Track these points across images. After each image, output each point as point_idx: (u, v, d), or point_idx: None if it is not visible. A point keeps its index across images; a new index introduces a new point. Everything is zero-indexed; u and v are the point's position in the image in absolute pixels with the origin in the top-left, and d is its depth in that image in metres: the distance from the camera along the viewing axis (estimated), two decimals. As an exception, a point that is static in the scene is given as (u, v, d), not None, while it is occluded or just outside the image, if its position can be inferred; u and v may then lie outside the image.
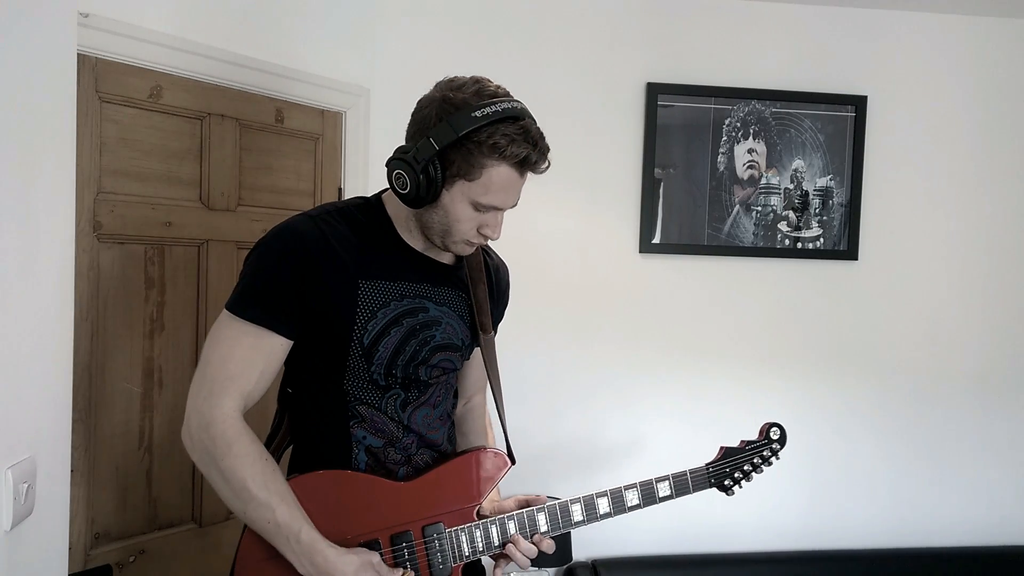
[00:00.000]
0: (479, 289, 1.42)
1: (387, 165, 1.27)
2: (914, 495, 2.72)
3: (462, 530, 1.35)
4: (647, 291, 2.60)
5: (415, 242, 1.35)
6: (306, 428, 1.38)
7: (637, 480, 1.44)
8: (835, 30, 2.63)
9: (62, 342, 1.34)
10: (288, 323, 1.26)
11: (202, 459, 1.24)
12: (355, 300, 1.28)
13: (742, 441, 1.52)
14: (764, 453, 1.51)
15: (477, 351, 1.50)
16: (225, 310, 1.28)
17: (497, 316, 1.53)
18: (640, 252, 2.58)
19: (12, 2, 1.09)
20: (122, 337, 1.76)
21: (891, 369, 2.69)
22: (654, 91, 2.54)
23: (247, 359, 1.25)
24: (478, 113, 1.19)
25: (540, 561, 2.48)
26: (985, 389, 2.73)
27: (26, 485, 1.15)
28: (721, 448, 1.51)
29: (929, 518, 2.72)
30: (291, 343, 1.29)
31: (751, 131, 2.60)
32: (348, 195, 2.29)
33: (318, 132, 2.22)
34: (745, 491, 2.59)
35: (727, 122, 2.59)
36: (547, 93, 2.52)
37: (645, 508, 1.44)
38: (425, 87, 2.64)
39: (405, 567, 1.31)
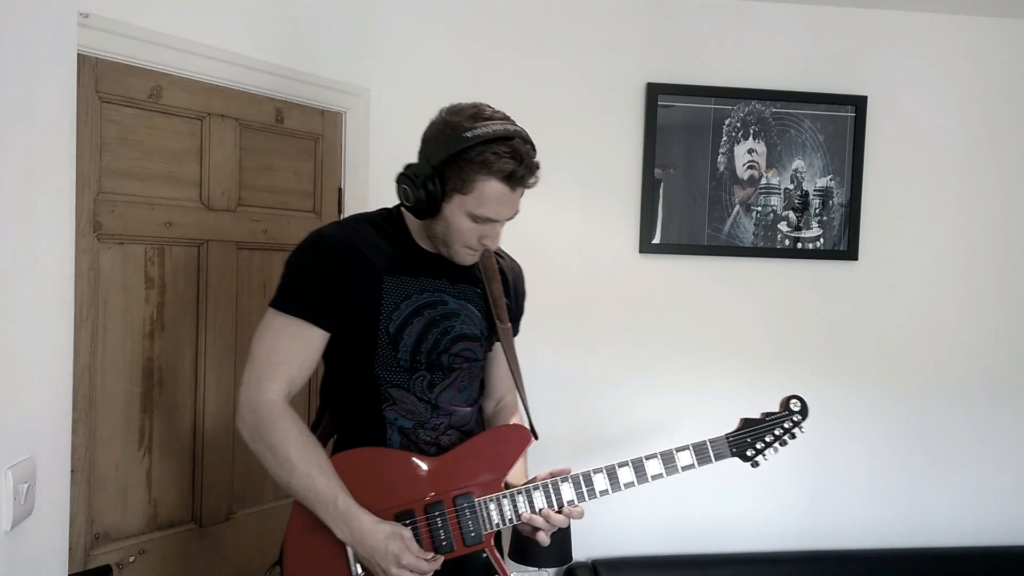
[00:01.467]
0: (494, 285, 1.56)
1: (396, 181, 1.43)
2: (914, 495, 2.72)
3: (491, 499, 1.45)
4: (647, 291, 2.60)
5: (429, 248, 1.51)
6: (346, 416, 1.52)
7: (658, 451, 1.51)
8: (835, 30, 2.63)
9: (62, 342, 1.34)
10: (324, 316, 1.42)
11: (253, 438, 1.39)
12: (380, 293, 1.44)
13: (763, 413, 1.57)
14: (785, 424, 1.56)
15: (498, 352, 1.63)
16: (269, 307, 1.43)
17: (516, 311, 1.66)
18: (640, 252, 2.58)
19: (12, 2, 1.09)
20: (122, 337, 1.76)
21: (891, 369, 2.69)
22: (654, 91, 2.54)
23: (290, 349, 1.41)
24: (469, 134, 1.34)
25: (540, 561, 2.48)
26: (985, 389, 2.73)
27: (26, 485, 1.15)
28: (741, 420, 1.56)
29: (929, 518, 2.72)
30: (328, 335, 1.44)
31: (751, 131, 2.60)
32: (348, 195, 2.29)
33: (318, 132, 2.22)
34: (746, 490, 2.62)
35: (727, 122, 2.59)
36: (547, 93, 2.52)
37: (668, 478, 1.50)
38: (425, 87, 2.66)
39: (439, 536, 1.42)
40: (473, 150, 1.33)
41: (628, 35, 2.56)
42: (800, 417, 1.57)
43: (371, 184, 2.38)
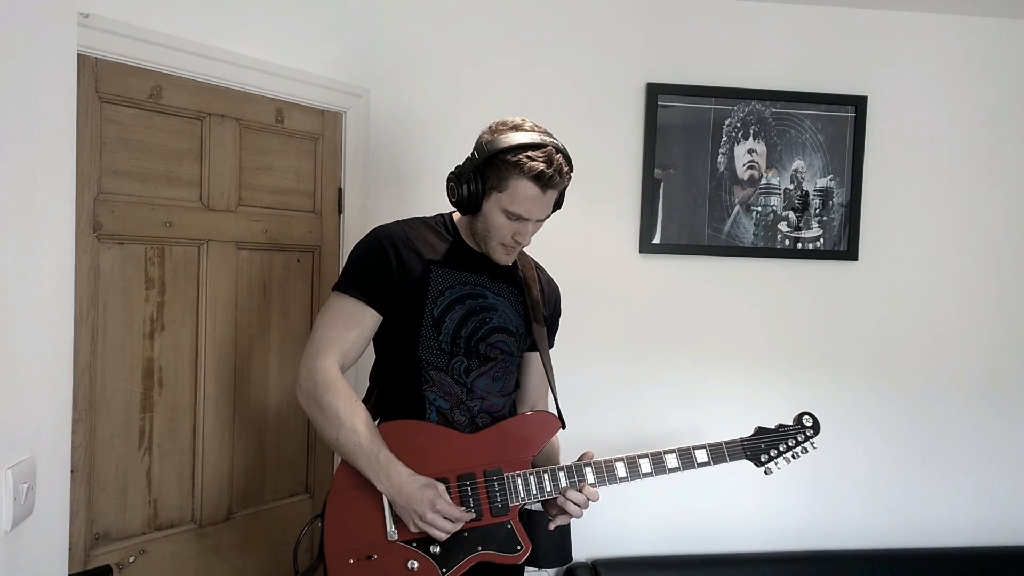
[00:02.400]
0: (533, 290, 1.73)
1: (446, 181, 1.63)
2: (914, 495, 2.72)
3: (518, 475, 1.60)
4: (647, 291, 2.60)
5: (476, 248, 1.68)
6: (391, 396, 1.67)
7: (676, 447, 1.63)
8: (835, 30, 2.63)
9: (62, 342, 1.34)
10: (378, 299, 1.60)
11: (308, 401, 1.56)
12: (428, 281, 1.62)
13: (777, 425, 1.69)
14: (798, 437, 1.68)
15: (533, 358, 1.79)
16: (332, 290, 1.62)
17: (551, 322, 1.82)
18: (640, 252, 2.58)
19: (12, 2, 1.09)
20: (122, 337, 1.76)
21: (891, 369, 2.69)
22: (654, 91, 2.54)
23: (346, 326, 1.58)
24: (507, 141, 1.54)
25: (540, 561, 2.48)
26: (984, 389, 2.73)
27: (26, 485, 1.15)
28: (756, 428, 1.69)
29: (929, 518, 2.72)
30: (380, 318, 1.61)
31: (751, 131, 2.60)
32: (348, 195, 2.29)
33: (318, 132, 2.22)
34: (745, 491, 2.62)
35: (727, 122, 2.59)
36: (547, 94, 2.52)
37: (684, 472, 1.63)
38: (425, 88, 2.65)
39: (469, 504, 1.54)
40: (510, 152, 1.53)
41: (628, 35, 2.56)
42: (812, 432, 1.68)
43: (371, 184, 2.38)
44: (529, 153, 1.53)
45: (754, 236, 2.62)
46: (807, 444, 1.68)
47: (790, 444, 1.68)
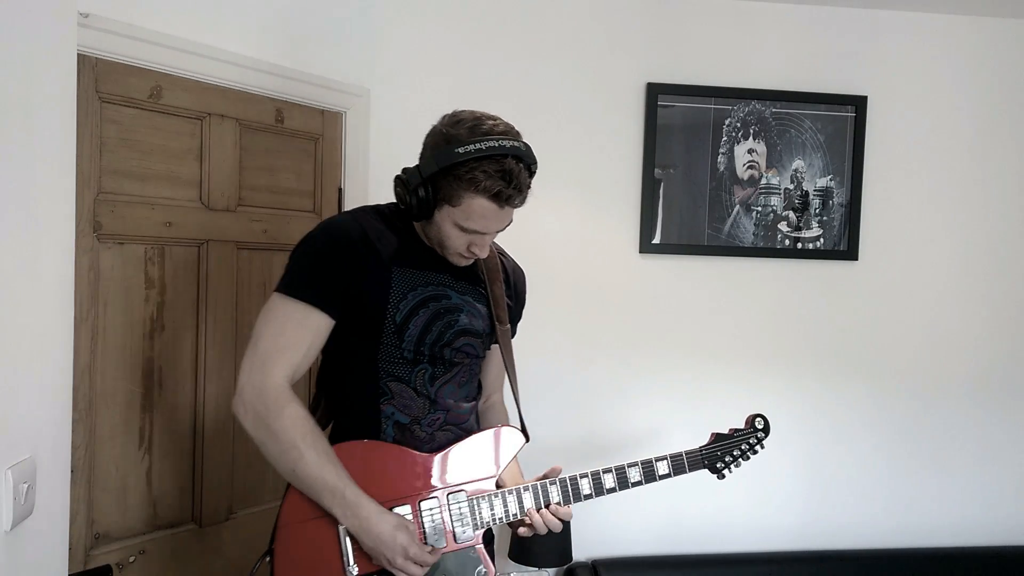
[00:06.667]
0: (496, 285, 1.60)
1: (393, 182, 1.48)
2: (913, 495, 2.72)
3: (483, 498, 1.50)
4: (647, 291, 2.60)
5: (432, 244, 1.54)
6: (342, 408, 1.53)
7: (639, 459, 1.58)
8: (835, 30, 2.63)
9: (62, 342, 1.34)
10: (332, 303, 1.43)
11: (255, 424, 1.38)
12: (389, 283, 1.46)
13: (731, 429, 1.67)
14: (750, 441, 1.67)
15: (494, 352, 1.67)
16: (276, 293, 1.44)
17: (515, 314, 1.70)
18: (640, 252, 2.58)
19: (12, 2, 1.09)
20: (122, 337, 1.76)
21: (891, 369, 2.70)
22: (654, 91, 2.54)
23: (296, 334, 1.42)
24: (460, 150, 1.37)
25: (540, 561, 2.48)
26: (984, 389, 2.73)
27: (26, 485, 1.15)
28: (712, 434, 1.66)
29: (928, 518, 2.72)
30: (333, 323, 1.45)
31: (751, 131, 2.60)
32: (348, 195, 2.29)
33: (318, 132, 2.22)
34: (745, 491, 2.62)
35: (727, 122, 2.59)
36: (547, 93, 2.52)
37: (647, 485, 1.58)
38: (425, 88, 2.65)
39: (431, 532, 1.46)
40: (463, 167, 1.37)
41: (628, 35, 2.56)
42: (763, 435, 1.68)
43: (371, 184, 2.38)
44: (486, 167, 1.36)
45: (754, 236, 2.62)
46: (757, 447, 1.68)
47: (743, 448, 1.66)
